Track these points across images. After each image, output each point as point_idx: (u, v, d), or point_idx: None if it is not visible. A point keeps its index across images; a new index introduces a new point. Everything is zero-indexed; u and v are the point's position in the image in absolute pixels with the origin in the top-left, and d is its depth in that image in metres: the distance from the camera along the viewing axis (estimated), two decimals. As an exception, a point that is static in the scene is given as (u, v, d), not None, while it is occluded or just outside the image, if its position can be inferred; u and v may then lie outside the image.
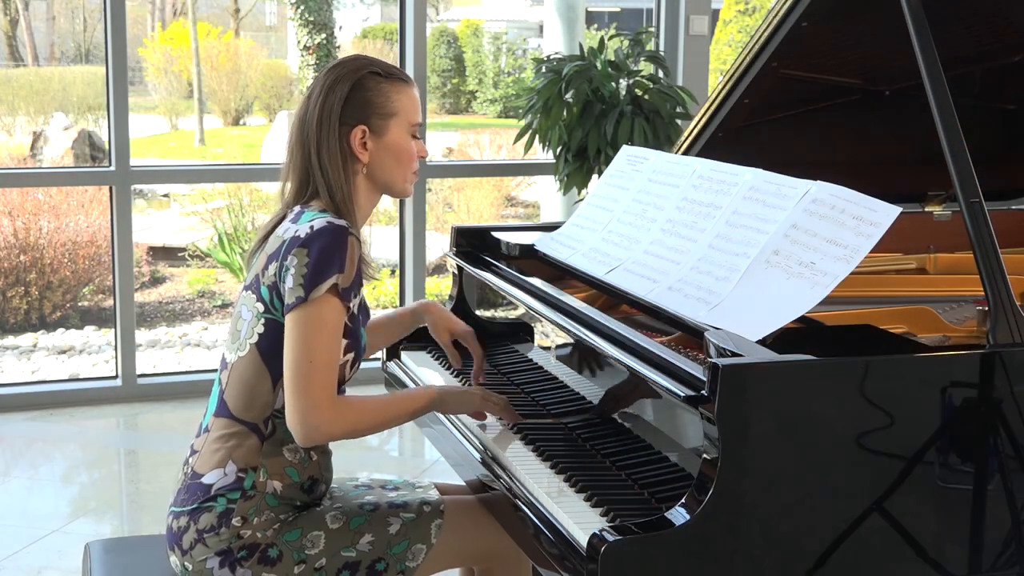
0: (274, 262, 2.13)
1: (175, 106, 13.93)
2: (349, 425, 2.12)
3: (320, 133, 2.19)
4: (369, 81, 2.22)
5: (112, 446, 4.76)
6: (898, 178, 2.93)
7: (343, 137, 2.20)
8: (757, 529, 1.79)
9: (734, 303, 2.01)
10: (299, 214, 2.19)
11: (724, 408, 1.75)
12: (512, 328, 2.66)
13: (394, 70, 2.26)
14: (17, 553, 3.65)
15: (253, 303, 2.16)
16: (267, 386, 2.15)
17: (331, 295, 2.08)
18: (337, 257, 2.08)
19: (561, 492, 2.01)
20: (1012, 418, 1.92)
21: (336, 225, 2.11)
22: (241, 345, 2.17)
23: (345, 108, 2.20)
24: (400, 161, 2.25)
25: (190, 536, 2.13)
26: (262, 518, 2.12)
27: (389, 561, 2.18)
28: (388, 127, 2.22)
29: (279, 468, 2.15)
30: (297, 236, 2.11)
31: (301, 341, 2.07)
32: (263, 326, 2.15)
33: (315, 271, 2.07)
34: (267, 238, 2.23)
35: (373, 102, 2.21)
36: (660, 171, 2.50)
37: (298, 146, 2.23)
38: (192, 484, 2.16)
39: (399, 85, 2.24)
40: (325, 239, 2.09)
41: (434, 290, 7.72)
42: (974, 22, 2.81)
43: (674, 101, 5.11)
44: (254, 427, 2.15)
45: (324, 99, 2.20)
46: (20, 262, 7.56)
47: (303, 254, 2.08)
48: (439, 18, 16.22)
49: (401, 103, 2.23)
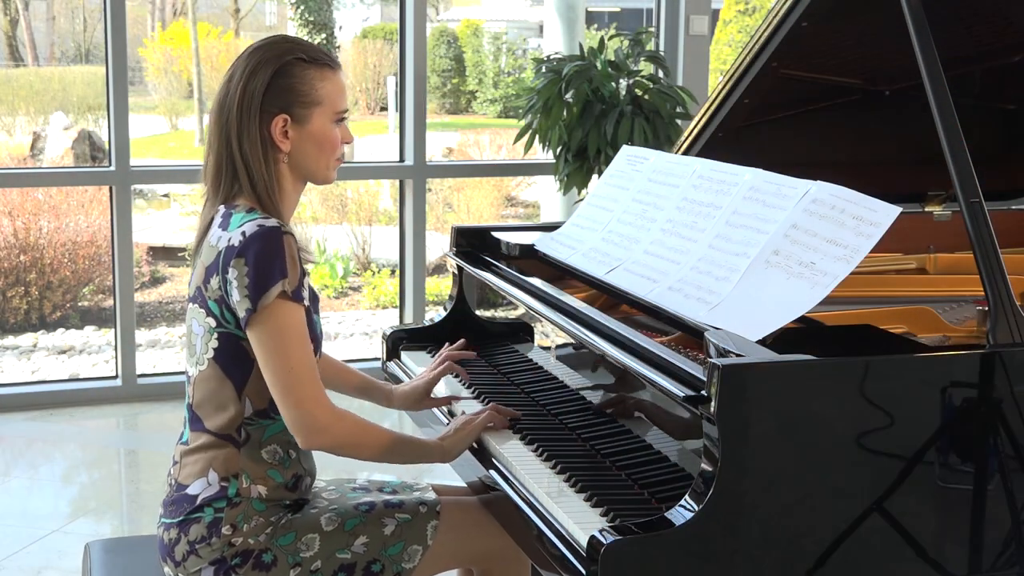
0: (215, 275, 2.08)
1: (175, 106, 13.92)
2: (350, 432, 2.08)
3: (241, 121, 2.11)
4: (293, 67, 2.12)
5: (112, 446, 4.76)
6: (898, 178, 2.94)
7: (264, 125, 2.11)
8: (757, 529, 1.79)
9: (734, 303, 2.01)
10: (227, 217, 2.12)
11: (724, 408, 1.75)
12: (512, 328, 2.66)
13: (320, 54, 2.16)
14: (17, 553, 3.65)
15: (204, 318, 2.12)
16: (232, 396, 2.11)
17: (282, 300, 2.02)
18: (277, 262, 2.02)
19: (561, 492, 2.01)
20: (1012, 418, 1.92)
21: (267, 228, 2.04)
22: (199, 360, 2.14)
23: (267, 96, 2.10)
24: (323, 149, 2.16)
25: (182, 548, 2.11)
26: (251, 524, 2.10)
27: (384, 562, 2.16)
28: (311, 116, 2.14)
29: (261, 472, 2.12)
30: (232, 246, 2.05)
31: (272, 353, 2.04)
32: (217, 340, 2.10)
33: (257, 281, 2.02)
34: (200, 245, 2.17)
35: (297, 90, 2.12)
36: (660, 171, 2.50)
37: (217, 133, 2.14)
38: (178, 496, 2.14)
39: (325, 72, 2.15)
40: (259, 245, 2.02)
41: (434, 290, 7.72)
42: (974, 22, 2.81)
43: (674, 101, 5.11)
44: (228, 437, 2.12)
45: (245, 85, 2.11)
46: (20, 262, 7.56)
47: (241, 264, 2.03)
48: (439, 18, 16.21)
49: (326, 91, 2.14)
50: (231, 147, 2.12)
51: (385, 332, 2.91)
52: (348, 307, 8.59)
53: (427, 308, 5.74)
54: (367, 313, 8.41)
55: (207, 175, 2.19)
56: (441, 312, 2.94)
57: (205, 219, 2.19)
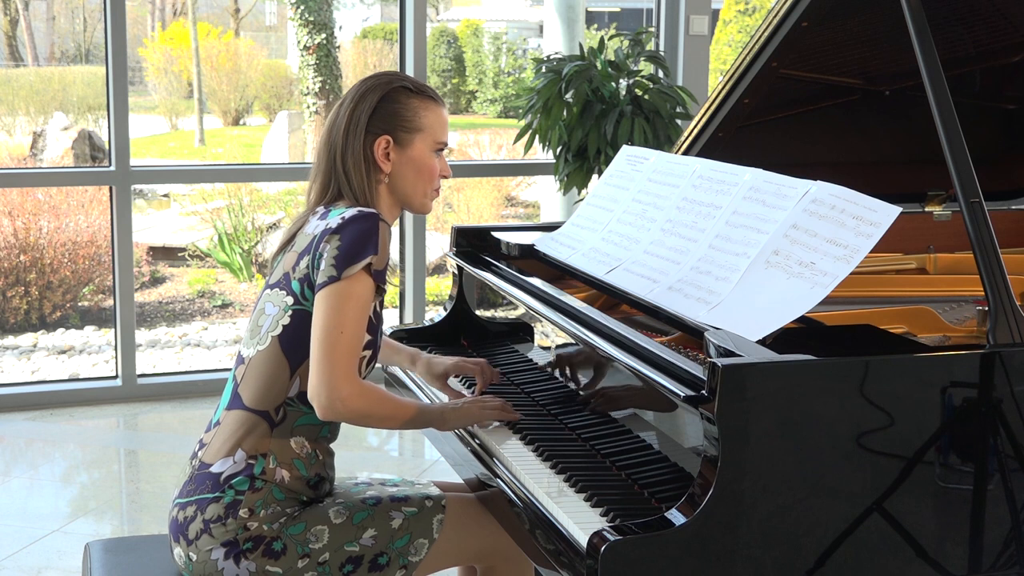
0: (306, 256, 2.18)
1: (175, 106, 13.92)
2: (367, 405, 2.14)
3: (347, 139, 2.25)
4: (399, 94, 2.27)
5: (112, 446, 4.75)
6: (898, 178, 2.94)
7: (368, 145, 2.25)
8: (757, 529, 1.79)
9: (734, 303, 2.01)
10: (326, 212, 2.23)
11: (724, 408, 1.75)
12: (512, 328, 2.66)
13: (425, 88, 2.32)
14: (17, 553, 3.65)
15: (281, 298, 2.20)
16: (285, 375, 2.18)
17: (364, 273, 2.12)
18: (371, 240, 2.12)
19: (561, 492, 2.01)
20: (1012, 418, 1.92)
21: (367, 212, 2.16)
22: (262, 339, 2.20)
23: (373, 117, 2.25)
24: (420, 175, 2.29)
25: (196, 526, 2.14)
26: (268, 511, 2.14)
27: (391, 555, 2.19)
28: (412, 141, 2.27)
29: (287, 458, 2.17)
30: (328, 228, 2.16)
31: (332, 312, 2.10)
32: (289, 318, 2.18)
33: (348, 254, 2.11)
34: (292, 240, 2.26)
35: (400, 115, 2.26)
36: (660, 171, 2.50)
37: (325, 150, 2.28)
38: (200, 474, 2.18)
39: (428, 103, 2.30)
40: (357, 224, 2.13)
41: (434, 290, 7.73)
42: (974, 22, 2.81)
43: (674, 101, 5.11)
44: (265, 414, 2.18)
45: (354, 107, 2.26)
46: (20, 262, 7.56)
47: (335, 239, 2.13)
48: (439, 18, 16.21)
49: (428, 120, 2.28)
50: (335, 165, 2.26)
51: (385, 332, 2.91)
52: (348, 307, 8.57)
53: (427, 308, 5.75)
54: (367, 313, 8.39)
55: (311, 190, 2.30)
56: (441, 312, 2.94)
57: (301, 219, 2.28)
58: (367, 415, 2.16)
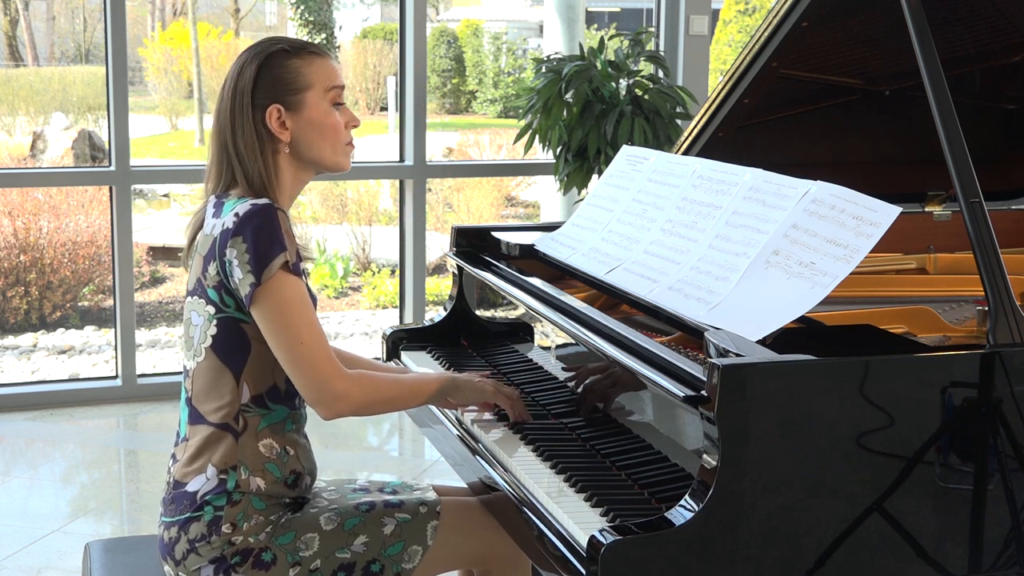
0: (212, 261, 2.11)
1: (175, 106, 13.92)
2: (367, 392, 2.11)
3: (234, 119, 2.16)
4: (277, 58, 2.17)
5: (112, 446, 4.76)
6: (898, 178, 2.94)
7: (258, 120, 2.16)
8: (757, 529, 1.79)
9: (734, 303, 2.01)
10: (219, 206, 2.16)
11: (724, 408, 1.75)
12: (512, 328, 2.66)
13: (304, 44, 2.21)
14: (17, 553, 3.65)
15: (203, 307, 2.14)
16: (231, 383, 2.13)
17: (284, 273, 2.05)
18: (276, 236, 2.05)
19: (561, 492, 2.01)
20: (1012, 418, 1.92)
21: (260, 205, 2.07)
22: (197, 351, 2.15)
23: (256, 90, 2.16)
24: (324, 135, 2.19)
25: (182, 547, 2.11)
26: (251, 523, 2.11)
27: (384, 562, 2.16)
28: (304, 101, 2.17)
29: (259, 464, 2.13)
30: (227, 229, 2.08)
31: (281, 328, 2.05)
32: (215, 327, 2.12)
33: (258, 256, 2.04)
34: (195, 239, 2.20)
35: (283, 79, 2.17)
36: (660, 171, 2.50)
37: (216, 136, 2.19)
38: (177, 494, 2.15)
39: (309, 58, 2.19)
40: (255, 221, 2.06)
41: (434, 290, 7.73)
42: (974, 22, 2.81)
43: (674, 101, 5.11)
44: (226, 426, 2.13)
45: (235, 85, 2.17)
46: (20, 262, 7.56)
47: (239, 243, 2.05)
48: (439, 18, 16.21)
49: (313, 74, 2.18)
50: (227, 146, 2.17)
51: (385, 332, 2.91)
52: (348, 307, 8.59)
53: (427, 308, 5.74)
54: (367, 313, 8.41)
55: (208, 179, 2.23)
56: (441, 312, 2.94)
57: (198, 216, 2.22)
58: (372, 403, 2.13)
